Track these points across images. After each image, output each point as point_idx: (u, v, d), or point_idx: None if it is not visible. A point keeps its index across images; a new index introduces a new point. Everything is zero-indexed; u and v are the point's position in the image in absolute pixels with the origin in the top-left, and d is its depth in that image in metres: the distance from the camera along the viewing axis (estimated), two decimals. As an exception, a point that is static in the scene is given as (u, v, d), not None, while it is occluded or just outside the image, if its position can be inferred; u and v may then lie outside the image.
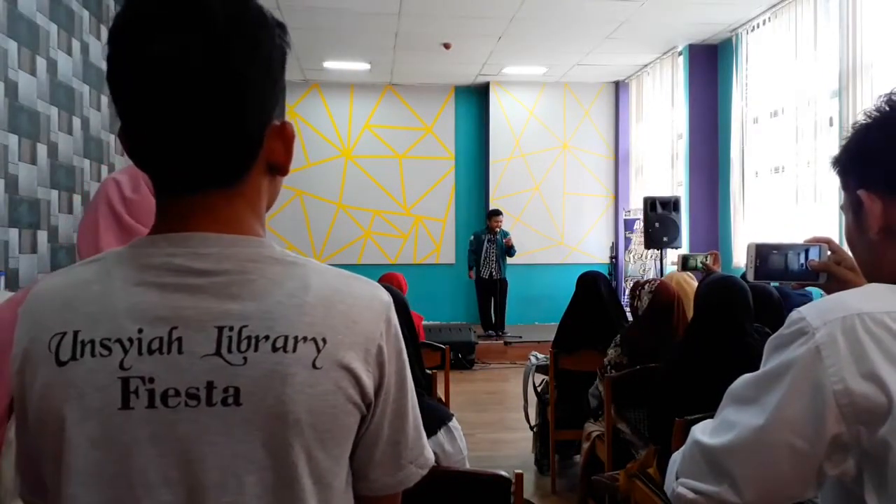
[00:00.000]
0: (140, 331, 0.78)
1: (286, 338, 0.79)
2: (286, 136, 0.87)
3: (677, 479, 1.08)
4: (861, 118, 1.07)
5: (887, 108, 1.04)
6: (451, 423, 2.00)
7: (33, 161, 4.56)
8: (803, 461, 0.96)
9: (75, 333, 0.79)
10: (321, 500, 0.82)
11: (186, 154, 0.81)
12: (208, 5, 0.78)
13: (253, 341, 0.79)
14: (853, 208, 1.07)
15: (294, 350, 0.79)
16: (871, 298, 0.97)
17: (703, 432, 1.07)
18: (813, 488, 0.99)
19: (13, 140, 4.27)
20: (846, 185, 1.09)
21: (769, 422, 0.97)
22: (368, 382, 0.84)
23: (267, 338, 0.79)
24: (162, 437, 0.78)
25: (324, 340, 0.80)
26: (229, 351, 0.78)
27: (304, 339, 0.80)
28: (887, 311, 0.94)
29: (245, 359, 0.78)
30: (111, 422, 0.78)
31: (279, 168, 0.88)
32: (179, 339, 0.78)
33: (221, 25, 0.78)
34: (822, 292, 1.26)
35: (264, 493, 0.79)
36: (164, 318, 0.79)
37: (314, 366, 0.80)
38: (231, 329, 0.79)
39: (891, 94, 1.05)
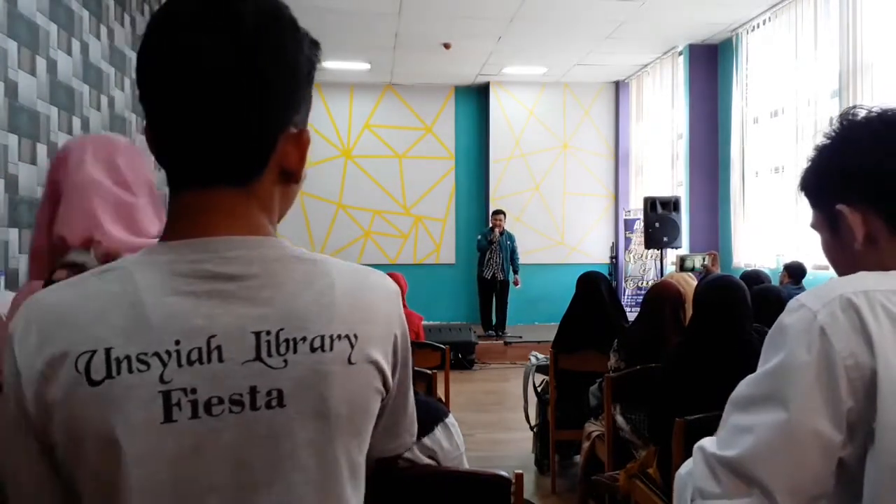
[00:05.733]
0: (177, 342, 0.77)
1: (322, 337, 0.82)
2: (301, 143, 0.88)
3: (692, 502, 1.04)
4: (821, 140, 1.14)
5: (844, 124, 1.11)
6: (447, 420, 2.00)
7: (33, 161, 4.56)
8: (830, 449, 0.96)
9: (107, 351, 0.76)
10: (353, 486, 0.87)
11: (199, 145, 0.82)
12: (239, 9, 0.81)
13: (291, 344, 0.81)
14: (830, 224, 1.12)
15: (331, 349, 0.82)
16: (863, 280, 1.02)
17: (713, 446, 1.04)
18: (834, 479, 0.99)
19: (13, 140, 4.28)
20: (820, 204, 1.14)
21: (793, 413, 0.96)
22: (389, 371, 0.89)
23: (304, 339, 0.81)
24: (208, 446, 0.78)
25: (356, 336, 0.84)
26: (269, 355, 0.80)
27: (339, 336, 0.83)
28: (880, 290, 0.99)
29: (286, 361, 0.80)
30: (155, 436, 0.76)
31: (292, 174, 0.88)
32: (219, 348, 0.78)
33: (250, 28, 0.81)
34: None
35: (310, 491, 0.82)
36: (200, 328, 0.78)
37: (350, 361, 0.84)
38: (269, 333, 0.80)
39: (842, 114, 1.12)
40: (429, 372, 3.11)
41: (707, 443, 1.06)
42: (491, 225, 9.46)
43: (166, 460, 0.77)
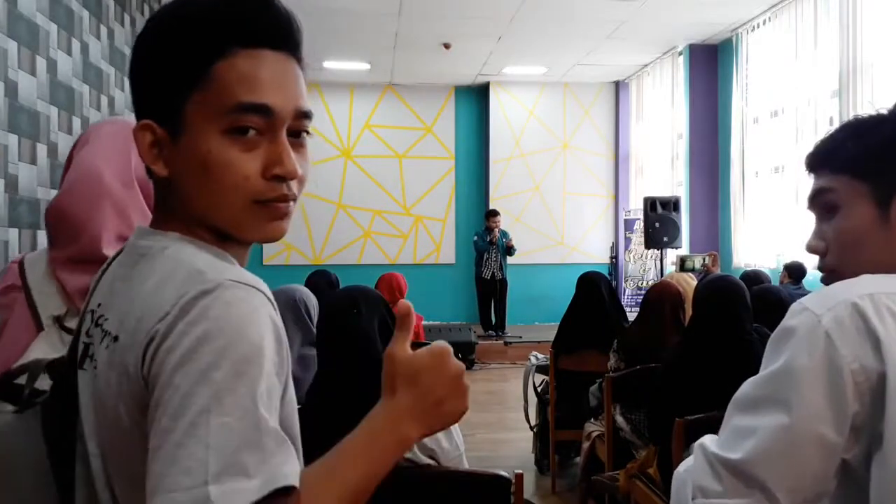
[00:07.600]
0: (99, 305, 0.88)
1: (108, 333, 0.82)
2: (136, 142, 0.86)
3: (693, 500, 1.04)
4: (871, 115, 1.09)
5: None
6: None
7: (33, 161, 4.56)
8: (831, 452, 0.96)
9: (88, 303, 0.92)
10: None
11: None
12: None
13: (103, 332, 0.84)
14: (878, 201, 1.06)
15: (106, 346, 0.81)
16: (867, 283, 1.01)
17: (715, 445, 1.03)
18: (835, 479, 0.99)
19: (13, 140, 4.27)
20: (875, 177, 1.07)
21: (795, 417, 0.96)
22: (141, 389, 0.74)
23: (103, 329, 0.84)
24: (91, 397, 0.85)
25: (116, 338, 0.79)
26: (100, 342, 0.84)
27: (109, 334, 0.82)
28: (884, 292, 0.98)
29: (99, 350, 0.84)
30: (78, 377, 0.88)
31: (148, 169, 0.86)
32: (106, 321, 0.85)
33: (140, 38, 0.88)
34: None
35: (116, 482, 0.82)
36: (110, 302, 0.87)
37: (109, 364, 0.79)
38: (106, 319, 0.84)
39: None
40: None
41: (708, 441, 1.06)
42: (489, 226, 9.45)
43: (77, 400, 0.87)
